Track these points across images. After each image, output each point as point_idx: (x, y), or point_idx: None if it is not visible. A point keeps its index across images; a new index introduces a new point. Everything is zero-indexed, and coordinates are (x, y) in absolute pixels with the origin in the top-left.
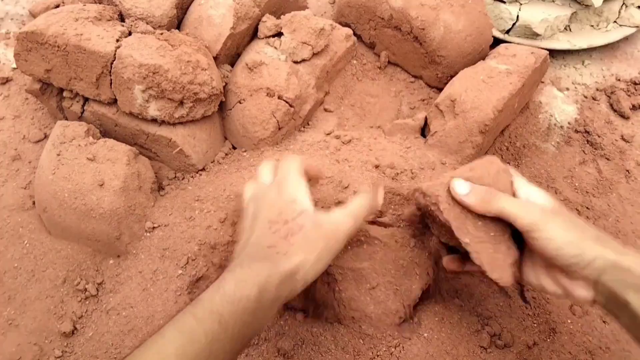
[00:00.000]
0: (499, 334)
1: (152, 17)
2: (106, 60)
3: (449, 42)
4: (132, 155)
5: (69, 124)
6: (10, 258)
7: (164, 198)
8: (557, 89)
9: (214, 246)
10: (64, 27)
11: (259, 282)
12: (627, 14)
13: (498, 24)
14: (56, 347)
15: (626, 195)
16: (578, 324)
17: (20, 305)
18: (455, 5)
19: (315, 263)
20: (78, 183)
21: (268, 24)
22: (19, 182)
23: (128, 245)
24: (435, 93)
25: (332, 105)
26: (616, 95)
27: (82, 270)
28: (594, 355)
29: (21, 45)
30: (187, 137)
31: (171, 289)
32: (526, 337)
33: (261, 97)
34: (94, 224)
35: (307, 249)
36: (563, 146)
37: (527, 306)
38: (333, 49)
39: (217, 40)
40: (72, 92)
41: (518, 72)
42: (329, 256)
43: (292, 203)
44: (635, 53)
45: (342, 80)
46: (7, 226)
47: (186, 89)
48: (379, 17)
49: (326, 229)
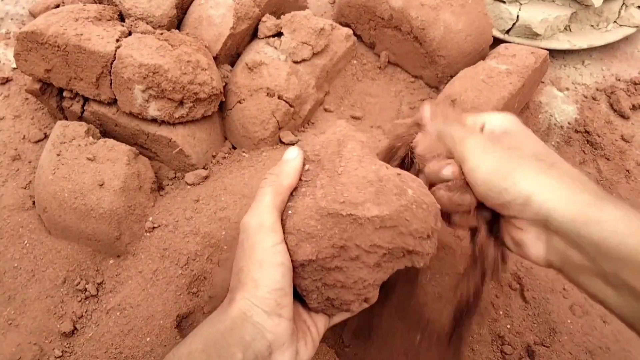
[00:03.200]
0: (499, 334)
1: (152, 17)
2: (106, 60)
3: (449, 42)
4: (132, 155)
5: (69, 124)
6: (10, 258)
7: (164, 198)
8: (557, 89)
9: (213, 246)
10: (64, 27)
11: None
12: (627, 14)
13: (498, 24)
14: (56, 347)
15: (626, 195)
16: (578, 324)
17: (20, 305)
18: (455, 5)
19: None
20: (78, 183)
21: (268, 24)
22: (19, 182)
23: (128, 245)
24: (435, 93)
25: (332, 105)
26: (616, 95)
27: (82, 270)
28: (594, 355)
29: (21, 45)
30: (187, 137)
31: (171, 289)
32: (526, 337)
33: (261, 97)
34: (94, 224)
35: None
36: (563, 146)
37: (527, 306)
38: (333, 49)
39: (217, 40)
40: (72, 92)
41: (518, 72)
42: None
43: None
44: (635, 53)
45: (342, 80)
46: (7, 226)
47: (186, 89)
48: (379, 17)
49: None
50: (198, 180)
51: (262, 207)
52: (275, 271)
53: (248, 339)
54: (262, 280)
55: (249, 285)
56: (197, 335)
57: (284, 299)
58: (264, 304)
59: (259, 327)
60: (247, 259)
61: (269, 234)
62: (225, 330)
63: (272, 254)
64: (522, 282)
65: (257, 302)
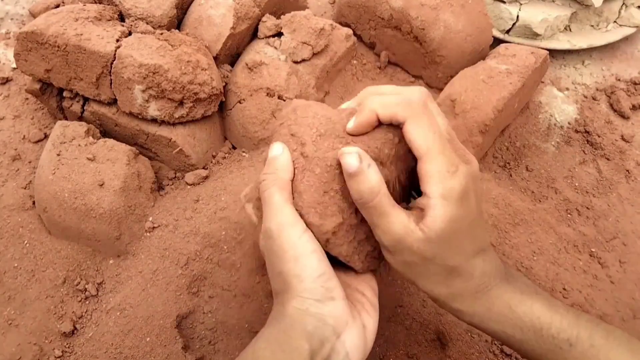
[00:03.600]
0: None
1: (152, 17)
2: (106, 60)
3: (449, 42)
4: (132, 155)
5: (69, 124)
6: (10, 258)
7: (164, 198)
8: (557, 89)
9: (213, 246)
10: (64, 27)
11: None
12: (627, 14)
13: (498, 24)
14: (56, 347)
15: (626, 195)
16: None
17: (20, 305)
18: (455, 5)
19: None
20: (78, 183)
21: (268, 24)
22: (19, 182)
23: (128, 245)
24: (435, 93)
25: (332, 105)
26: (616, 95)
27: (82, 270)
28: None
29: (21, 45)
30: (187, 137)
31: (171, 289)
32: None
33: (261, 97)
34: (94, 224)
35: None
36: (563, 146)
37: None
38: (333, 49)
39: (217, 40)
40: (72, 92)
41: (518, 72)
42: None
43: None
44: (635, 53)
45: (342, 80)
46: (7, 226)
47: (186, 89)
48: (379, 17)
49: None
50: (198, 180)
51: (274, 208)
52: (311, 260)
53: (310, 329)
54: (303, 273)
55: (293, 283)
56: (259, 338)
57: (330, 282)
58: (314, 293)
59: (317, 316)
60: (282, 261)
61: (292, 229)
62: (286, 327)
63: (302, 245)
64: None
65: (307, 294)
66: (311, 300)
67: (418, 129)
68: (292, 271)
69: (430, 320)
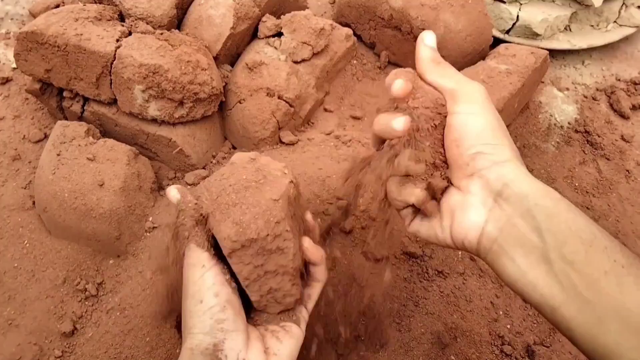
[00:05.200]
0: (499, 334)
1: (152, 17)
2: (106, 60)
3: (449, 42)
4: (132, 155)
5: (69, 124)
6: (10, 258)
7: (164, 198)
8: (557, 89)
9: None
10: (64, 27)
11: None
12: (627, 14)
13: (498, 24)
14: (56, 347)
15: (626, 195)
16: None
17: (20, 305)
18: (455, 5)
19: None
20: (78, 183)
21: (268, 24)
22: (19, 182)
23: (128, 245)
24: None
25: (332, 105)
26: (616, 95)
27: (82, 270)
28: None
29: (21, 45)
30: (187, 137)
31: None
32: (526, 337)
33: (261, 97)
34: (94, 224)
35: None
36: (563, 146)
37: (527, 306)
38: (333, 49)
39: (217, 40)
40: (72, 92)
41: (518, 72)
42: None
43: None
44: (635, 53)
45: (342, 80)
46: (7, 226)
47: (186, 89)
48: (379, 17)
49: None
50: (198, 180)
51: (186, 263)
52: (207, 294)
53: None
54: (194, 308)
55: (186, 319)
56: None
57: (222, 313)
58: (202, 327)
59: (208, 352)
60: (185, 301)
61: (194, 270)
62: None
63: (202, 281)
64: None
65: (196, 330)
66: (200, 334)
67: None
68: (187, 308)
69: (430, 320)
